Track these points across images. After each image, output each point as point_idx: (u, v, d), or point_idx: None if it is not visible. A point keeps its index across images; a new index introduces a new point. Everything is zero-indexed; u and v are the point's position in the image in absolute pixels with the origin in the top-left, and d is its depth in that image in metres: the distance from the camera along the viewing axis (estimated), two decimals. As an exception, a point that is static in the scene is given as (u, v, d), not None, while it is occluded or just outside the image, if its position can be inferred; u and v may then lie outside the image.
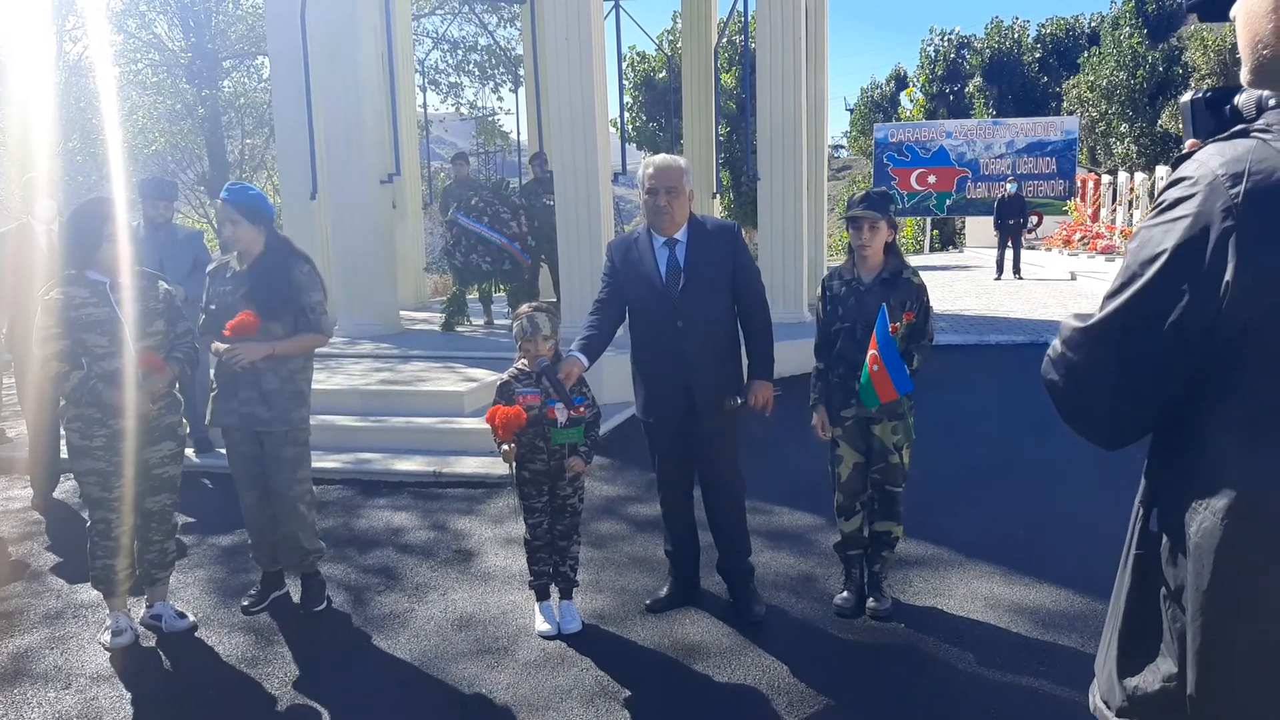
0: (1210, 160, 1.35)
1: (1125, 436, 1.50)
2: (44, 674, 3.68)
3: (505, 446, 3.72)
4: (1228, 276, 1.28)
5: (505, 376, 3.88)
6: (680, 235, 3.86)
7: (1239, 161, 1.30)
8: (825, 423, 3.93)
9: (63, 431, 3.91)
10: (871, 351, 3.58)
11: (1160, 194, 1.43)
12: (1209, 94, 1.63)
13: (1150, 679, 1.43)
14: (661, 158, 3.88)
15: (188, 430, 4.17)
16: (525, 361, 3.81)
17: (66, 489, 5.84)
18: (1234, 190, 1.28)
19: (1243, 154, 1.30)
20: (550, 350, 3.77)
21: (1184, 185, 1.37)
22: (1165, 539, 1.42)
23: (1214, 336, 1.31)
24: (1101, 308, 1.44)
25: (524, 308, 3.87)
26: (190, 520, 5.20)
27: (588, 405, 3.84)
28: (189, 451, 4.28)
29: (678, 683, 3.50)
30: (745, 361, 3.98)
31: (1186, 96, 1.67)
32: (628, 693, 3.42)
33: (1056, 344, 1.52)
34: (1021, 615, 3.90)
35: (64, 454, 4.47)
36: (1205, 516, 1.33)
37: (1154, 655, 1.43)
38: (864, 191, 3.87)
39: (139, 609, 4.08)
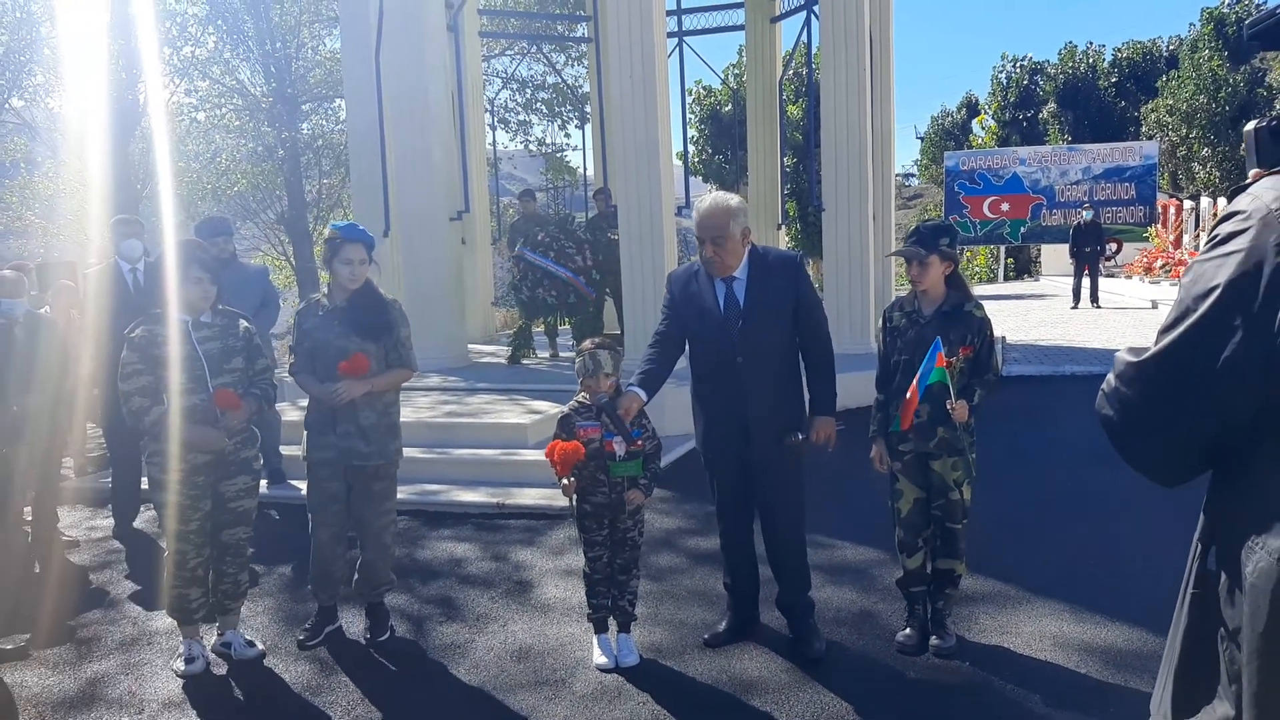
0: (1264, 194, 1.32)
1: (1180, 473, 1.47)
2: (118, 699, 3.80)
3: (565, 481, 3.75)
4: None
5: (566, 409, 3.92)
6: (739, 271, 3.81)
7: None
8: (883, 455, 3.88)
9: (144, 464, 4.06)
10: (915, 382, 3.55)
11: (1214, 228, 1.41)
12: (1274, 122, 1.59)
13: (1206, 721, 1.38)
14: (708, 204, 3.76)
15: (261, 463, 4.29)
16: (586, 395, 3.84)
17: (146, 519, 6.05)
18: None
19: None
20: (611, 386, 3.80)
21: (1237, 220, 1.35)
22: (1223, 577, 1.38)
23: (1268, 372, 1.28)
24: (1155, 342, 1.42)
25: (586, 344, 3.90)
26: (254, 551, 5.31)
27: (647, 438, 3.85)
28: (261, 483, 4.39)
29: (736, 719, 3.46)
30: (807, 395, 3.95)
31: (1250, 125, 1.64)
32: (685, 728, 3.39)
33: (1111, 378, 1.50)
34: (1092, 656, 3.78)
35: (145, 485, 4.63)
36: (1261, 555, 1.29)
37: (1210, 696, 1.39)
38: (915, 226, 3.82)
39: (210, 636, 4.19)
